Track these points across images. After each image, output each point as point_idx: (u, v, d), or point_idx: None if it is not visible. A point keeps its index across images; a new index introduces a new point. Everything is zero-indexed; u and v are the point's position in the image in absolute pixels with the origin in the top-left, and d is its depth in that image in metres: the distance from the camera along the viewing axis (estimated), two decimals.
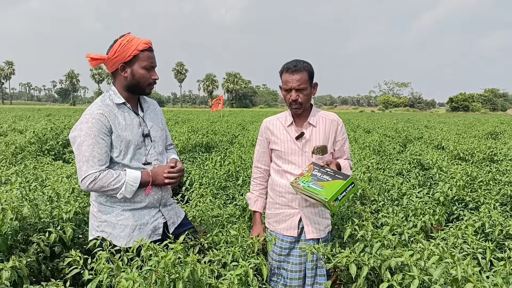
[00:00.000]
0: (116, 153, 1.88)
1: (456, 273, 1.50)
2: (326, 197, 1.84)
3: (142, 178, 1.88)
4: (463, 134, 11.31)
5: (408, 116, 33.50)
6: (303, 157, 2.16)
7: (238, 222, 2.79)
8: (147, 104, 2.09)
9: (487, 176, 4.01)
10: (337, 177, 1.95)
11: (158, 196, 2.00)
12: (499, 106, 78.86)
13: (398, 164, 5.57)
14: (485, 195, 3.34)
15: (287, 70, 2.09)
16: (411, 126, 14.71)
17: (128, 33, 1.91)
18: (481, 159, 5.88)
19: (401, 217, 2.73)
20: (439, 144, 8.22)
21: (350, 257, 1.74)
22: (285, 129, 2.21)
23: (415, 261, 1.65)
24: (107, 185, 1.81)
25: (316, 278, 2.17)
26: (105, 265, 1.64)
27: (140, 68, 1.89)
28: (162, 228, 2.02)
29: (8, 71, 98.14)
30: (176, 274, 1.56)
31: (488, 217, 2.60)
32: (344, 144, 2.26)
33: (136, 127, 1.94)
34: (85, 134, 1.80)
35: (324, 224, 2.21)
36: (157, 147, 2.04)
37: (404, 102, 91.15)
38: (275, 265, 2.23)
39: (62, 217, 2.39)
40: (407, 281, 1.55)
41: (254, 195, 2.37)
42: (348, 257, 1.74)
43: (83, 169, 1.80)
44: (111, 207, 1.92)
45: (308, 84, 2.09)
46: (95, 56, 1.89)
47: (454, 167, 4.60)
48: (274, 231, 2.24)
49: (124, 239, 1.91)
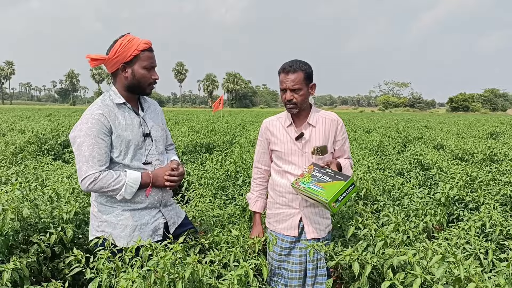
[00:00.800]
0: (116, 153, 1.88)
1: (459, 273, 1.50)
2: (326, 198, 1.84)
3: (142, 179, 1.88)
4: (463, 134, 11.31)
5: (408, 116, 33.49)
6: (303, 157, 2.15)
7: (239, 222, 2.79)
8: (148, 104, 2.09)
9: (487, 176, 4.01)
10: (337, 178, 1.94)
11: (158, 197, 2.00)
12: (499, 106, 78.86)
13: (398, 164, 5.57)
14: (485, 195, 3.34)
15: (283, 70, 2.09)
16: (411, 126, 14.71)
17: (128, 33, 1.91)
18: (481, 159, 5.88)
19: (402, 217, 2.73)
20: (439, 144, 8.22)
21: (353, 255, 1.74)
22: (285, 129, 2.20)
23: (418, 260, 1.64)
24: (107, 186, 1.80)
25: (316, 278, 2.17)
26: (105, 265, 1.63)
27: (141, 68, 1.89)
28: (162, 228, 2.02)
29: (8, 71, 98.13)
30: (175, 274, 1.56)
31: (488, 217, 2.60)
32: (344, 143, 2.25)
33: (137, 127, 1.94)
34: (85, 134, 1.80)
35: (325, 224, 2.20)
36: (158, 146, 2.03)
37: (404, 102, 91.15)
38: (275, 265, 2.22)
39: (63, 217, 2.39)
40: (409, 280, 1.54)
41: (254, 195, 2.37)
42: (351, 255, 1.74)
43: (83, 170, 1.79)
44: (112, 207, 1.92)
45: (303, 85, 2.08)
46: (95, 56, 1.88)
47: (454, 167, 4.59)
48: (274, 231, 2.24)
49: (124, 239, 1.90)
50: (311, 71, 2.13)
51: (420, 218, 2.85)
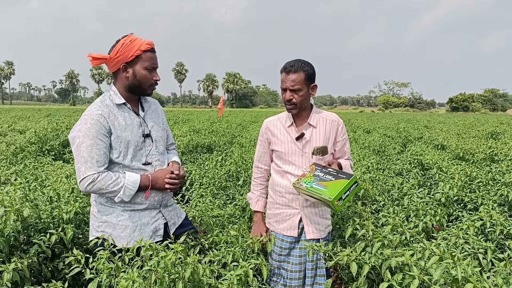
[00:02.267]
0: (115, 154, 1.87)
1: (456, 273, 1.50)
2: (330, 196, 1.84)
3: (141, 182, 1.88)
4: (463, 134, 11.31)
5: (408, 116, 33.47)
6: (303, 158, 2.16)
7: (239, 223, 2.79)
8: (148, 104, 2.09)
9: (486, 176, 4.01)
10: (340, 176, 1.94)
11: (158, 198, 2.00)
12: (499, 106, 78.80)
13: (398, 164, 5.57)
14: (483, 196, 3.35)
15: (284, 69, 2.09)
16: (411, 126, 14.71)
17: (130, 33, 1.91)
18: (481, 159, 5.88)
19: (402, 217, 2.73)
20: (439, 144, 8.22)
21: (351, 255, 1.74)
22: (286, 129, 2.20)
23: (416, 261, 1.65)
24: (105, 187, 1.80)
25: (316, 278, 2.17)
26: (105, 265, 1.64)
27: (142, 69, 1.88)
28: (163, 229, 2.02)
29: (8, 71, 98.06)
30: (176, 274, 1.56)
31: (489, 216, 2.60)
32: (344, 144, 2.26)
33: (137, 127, 1.94)
34: (84, 135, 1.79)
35: (325, 224, 2.21)
36: (158, 147, 2.03)
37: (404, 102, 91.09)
38: (275, 265, 2.23)
39: (63, 217, 2.39)
40: (407, 281, 1.55)
41: (255, 195, 2.37)
42: (349, 255, 1.75)
43: (81, 170, 1.79)
44: (111, 207, 1.92)
45: (303, 85, 2.07)
46: (97, 55, 1.89)
47: (454, 167, 4.60)
48: (274, 231, 2.24)
49: (124, 240, 1.90)
50: (313, 71, 2.11)
51: (420, 218, 2.85)
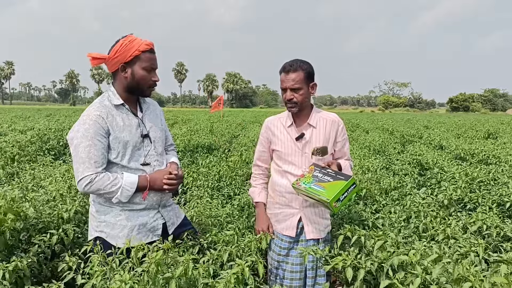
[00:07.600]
0: (114, 154, 1.87)
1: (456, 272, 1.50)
2: (327, 198, 1.84)
3: (139, 183, 1.87)
4: (463, 134, 11.31)
5: (408, 116, 33.46)
6: (303, 158, 2.16)
7: (236, 222, 2.79)
8: (147, 105, 2.08)
9: (487, 176, 4.00)
10: (339, 177, 1.94)
11: (157, 198, 1.99)
12: (499, 106, 78.82)
13: (398, 165, 5.57)
14: (483, 196, 3.34)
15: (284, 69, 2.10)
16: (411, 127, 14.70)
17: (130, 33, 1.90)
18: (480, 159, 5.88)
19: (403, 218, 2.73)
20: (438, 144, 8.22)
21: (346, 260, 1.72)
22: (286, 129, 2.20)
23: (418, 260, 1.64)
24: (103, 188, 1.80)
25: (316, 279, 2.17)
26: (98, 269, 1.63)
27: (141, 69, 1.88)
28: (161, 229, 2.02)
29: (8, 71, 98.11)
30: (168, 274, 1.55)
31: (488, 218, 2.59)
32: (344, 145, 2.25)
33: (135, 128, 1.93)
34: (82, 135, 1.79)
35: (324, 224, 2.21)
36: (157, 147, 2.03)
37: (404, 102, 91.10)
38: (275, 265, 2.23)
39: (63, 216, 2.39)
40: (409, 279, 1.54)
41: (258, 188, 2.36)
42: (345, 260, 1.72)
43: (79, 171, 1.79)
44: (110, 207, 1.91)
45: (303, 84, 2.08)
46: (96, 55, 1.88)
47: (454, 167, 4.59)
48: (274, 230, 2.24)
49: (123, 239, 1.90)
50: (312, 70, 2.12)
51: (421, 220, 2.84)
